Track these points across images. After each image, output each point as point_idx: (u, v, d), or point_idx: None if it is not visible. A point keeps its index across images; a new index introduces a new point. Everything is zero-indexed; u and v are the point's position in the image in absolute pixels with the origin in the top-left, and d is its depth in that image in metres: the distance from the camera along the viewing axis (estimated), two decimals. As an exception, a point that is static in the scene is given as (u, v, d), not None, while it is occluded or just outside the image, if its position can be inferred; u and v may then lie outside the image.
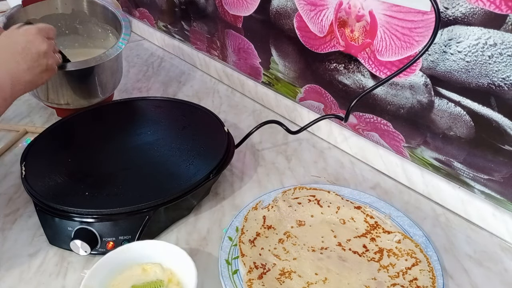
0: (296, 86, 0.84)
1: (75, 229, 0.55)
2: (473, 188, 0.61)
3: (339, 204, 0.61)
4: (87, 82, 0.80)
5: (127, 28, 0.84)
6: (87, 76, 0.79)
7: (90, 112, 0.78)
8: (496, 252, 0.56)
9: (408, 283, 0.50)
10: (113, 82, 0.86)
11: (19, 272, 0.54)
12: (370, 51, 0.66)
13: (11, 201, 0.66)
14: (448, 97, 0.59)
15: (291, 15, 0.77)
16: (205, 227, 0.61)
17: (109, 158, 0.66)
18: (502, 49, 0.51)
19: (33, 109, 0.91)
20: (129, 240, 0.55)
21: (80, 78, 0.79)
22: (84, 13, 0.91)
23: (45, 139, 0.70)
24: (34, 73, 0.60)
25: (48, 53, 0.62)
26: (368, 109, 0.71)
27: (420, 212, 0.63)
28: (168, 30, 1.21)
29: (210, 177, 0.62)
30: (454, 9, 0.53)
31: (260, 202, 0.62)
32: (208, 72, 1.08)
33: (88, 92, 0.82)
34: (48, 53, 0.62)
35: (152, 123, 0.75)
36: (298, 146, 0.79)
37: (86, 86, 0.81)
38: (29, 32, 0.61)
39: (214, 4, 0.96)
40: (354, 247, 0.55)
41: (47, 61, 0.62)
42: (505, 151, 0.55)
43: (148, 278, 0.50)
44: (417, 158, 0.67)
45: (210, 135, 0.70)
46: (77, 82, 0.79)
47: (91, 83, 0.81)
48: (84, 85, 0.81)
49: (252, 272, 0.51)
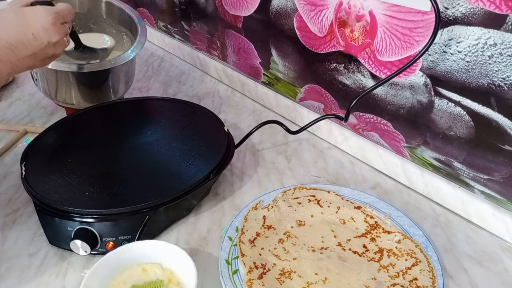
0: (296, 86, 0.84)
1: (75, 229, 0.55)
2: (473, 188, 0.61)
3: (339, 204, 0.61)
4: (100, 84, 0.80)
5: (144, 32, 0.83)
6: (100, 78, 0.79)
7: (90, 112, 0.78)
8: (496, 252, 0.56)
9: (408, 283, 0.50)
10: (125, 85, 0.86)
11: (19, 272, 0.54)
12: (370, 51, 0.66)
13: (11, 201, 0.66)
14: (448, 97, 0.59)
15: (291, 15, 0.77)
16: (205, 227, 0.61)
17: (109, 158, 0.66)
18: (502, 49, 0.51)
19: (33, 109, 0.91)
20: (129, 240, 0.55)
21: (93, 80, 0.79)
22: (100, 14, 0.89)
23: (45, 139, 0.70)
24: (36, 59, 0.57)
25: (58, 42, 0.57)
26: (368, 109, 0.71)
27: (420, 212, 0.63)
28: (168, 30, 1.21)
29: (210, 177, 0.62)
30: (454, 9, 0.53)
31: (260, 202, 0.62)
32: (208, 72, 1.08)
33: (100, 94, 0.82)
34: (59, 42, 0.57)
35: (152, 123, 0.75)
36: (298, 146, 0.79)
37: (98, 88, 0.81)
38: (46, 20, 0.55)
39: (214, 4, 0.96)
40: (354, 247, 0.55)
41: (54, 50, 0.58)
42: (505, 151, 0.55)
43: (148, 278, 0.50)
44: (417, 158, 0.67)
45: (210, 135, 0.70)
46: (89, 84, 0.79)
47: (104, 85, 0.81)
48: (96, 87, 0.81)
49: (252, 272, 0.51)
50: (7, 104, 0.93)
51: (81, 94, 0.80)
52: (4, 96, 0.97)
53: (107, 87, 0.81)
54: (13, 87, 1.00)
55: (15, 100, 0.95)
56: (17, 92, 0.98)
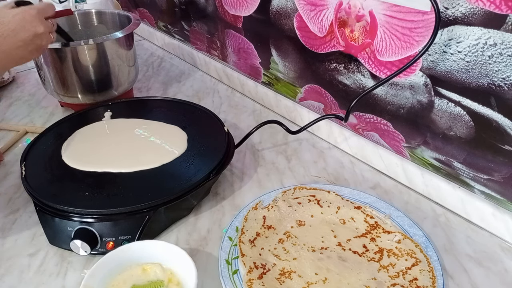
0: (296, 86, 0.84)
1: (75, 229, 0.55)
2: (473, 188, 0.61)
3: (339, 204, 0.61)
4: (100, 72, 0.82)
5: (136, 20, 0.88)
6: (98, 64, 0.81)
7: (90, 112, 0.78)
8: (496, 252, 0.56)
9: (408, 283, 0.50)
10: (128, 76, 0.88)
11: (19, 272, 0.54)
12: (370, 51, 0.66)
13: (11, 201, 0.66)
14: (448, 97, 0.59)
15: (291, 15, 0.77)
16: (205, 227, 0.61)
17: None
18: (502, 49, 0.51)
19: (33, 109, 0.91)
20: (129, 240, 0.55)
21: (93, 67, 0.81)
22: (92, 24, 0.95)
23: (45, 139, 0.70)
24: (26, 50, 0.62)
25: (43, 34, 0.63)
26: (368, 109, 0.71)
27: (420, 212, 0.63)
28: (168, 30, 1.21)
29: (210, 177, 0.62)
30: (454, 9, 0.53)
31: (260, 202, 0.62)
32: (208, 72, 1.08)
33: (101, 84, 0.84)
34: (44, 34, 0.63)
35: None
36: (298, 146, 0.79)
37: (99, 77, 0.83)
38: (28, 13, 0.62)
39: (214, 4, 0.96)
40: (354, 247, 0.55)
41: (41, 41, 0.63)
42: (505, 151, 0.55)
43: (148, 278, 0.50)
44: (417, 158, 0.67)
45: (210, 135, 0.70)
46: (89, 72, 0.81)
47: (103, 73, 0.83)
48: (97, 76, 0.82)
49: (252, 272, 0.51)
50: (7, 104, 0.94)
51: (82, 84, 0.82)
52: (4, 96, 0.97)
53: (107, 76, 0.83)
54: (13, 87, 1.00)
55: (15, 100, 0.95)
56: (17, 92, 0.98)
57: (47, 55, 0.79)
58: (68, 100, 0.85)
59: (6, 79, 1.00)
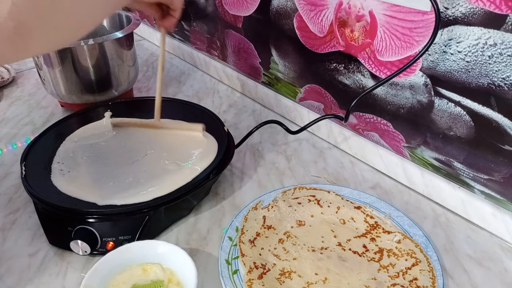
0: (296, 86, 0.84)
1: (75, 229, 0.55)
2: (473, 188, 0.61)
3: (339, 204, 0.61)
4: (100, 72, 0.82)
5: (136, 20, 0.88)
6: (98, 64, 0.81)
7: (90, 112, 0.78)
8: (496, 252, 0.56)
9: (408, 283, 0.50)
10: (128, 76, 0.88)
11: (19, 272, 0.54)
12: (370, 51, 0.66)
13: (11, 201, 0.66)
14: (448, 97, 0.59)
15: (291, 15, 0.77)
16: (205, 227, 0.61)
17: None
18: (502, 49, 0.51)
19: (33, 109, 0.91)
20: (129, 240, 0.55)
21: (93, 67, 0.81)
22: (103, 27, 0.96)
23: (45, 139, 0.70)
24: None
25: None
26: (368, 109, 0.71)
27: (420, 212, 0.63)
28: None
29: (210, 177, 0.62)
30: (454, 9, 0.53)
31: (260, 202, 0.62)
32: (208, 72, 1.08)
33: (101, 84, 0.83)
34: None
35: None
36: (298, 146, 0.78)
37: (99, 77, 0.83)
38: None
39: (214, 4, 0.96)
40: (354, 247, 0.55)
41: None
42: (505, 151, 0.55)
43: (148, 278, 0.49)
44: (417, 158, 0.67)
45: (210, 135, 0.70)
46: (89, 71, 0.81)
47: (103, 73, 0.83)
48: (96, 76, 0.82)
49: (252, 272, 0.51)
50: (7, 104, 0.93)
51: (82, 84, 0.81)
52: (4, 96, 0.97)
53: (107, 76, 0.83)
54: (13, 87, 1.00)
55: (15, 100, 0.95)
56: (17, 92, 0.98)
57: (47, 55, 0.79)
58: (68, 100, 0.85)
59: (6, 79, 1.00)
